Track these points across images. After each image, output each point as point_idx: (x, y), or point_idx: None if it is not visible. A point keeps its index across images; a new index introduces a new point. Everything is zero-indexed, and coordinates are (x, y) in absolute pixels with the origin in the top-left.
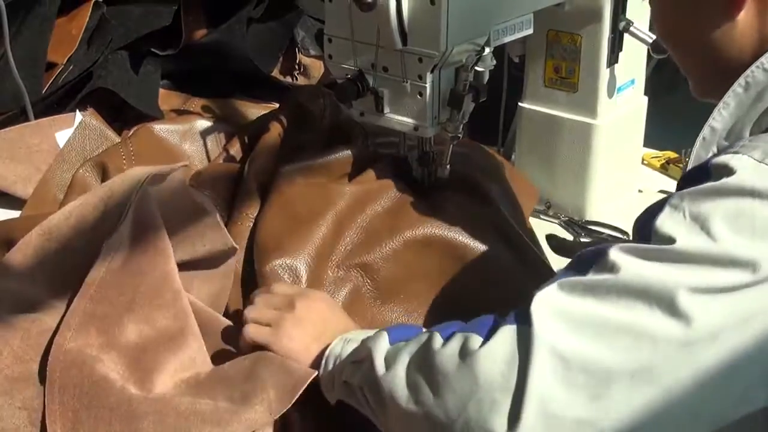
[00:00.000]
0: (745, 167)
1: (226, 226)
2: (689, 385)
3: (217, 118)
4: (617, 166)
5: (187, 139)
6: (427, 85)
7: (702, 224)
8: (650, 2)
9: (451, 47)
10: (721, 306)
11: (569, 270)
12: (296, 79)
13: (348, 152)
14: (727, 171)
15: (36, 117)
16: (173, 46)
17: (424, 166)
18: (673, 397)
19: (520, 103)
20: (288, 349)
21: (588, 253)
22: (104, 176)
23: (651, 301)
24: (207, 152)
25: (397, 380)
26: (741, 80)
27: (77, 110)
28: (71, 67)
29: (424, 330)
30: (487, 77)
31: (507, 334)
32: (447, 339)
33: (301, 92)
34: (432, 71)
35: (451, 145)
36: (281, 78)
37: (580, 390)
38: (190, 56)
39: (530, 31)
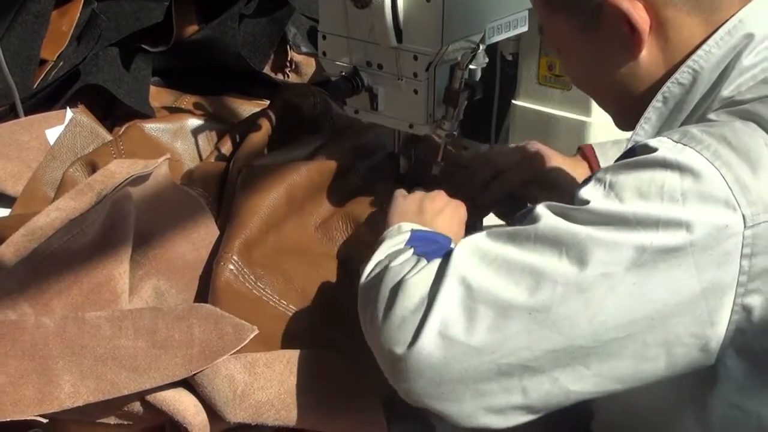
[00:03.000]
0: (665, 146)
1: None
2: (584, 333)
3: (208, 115)
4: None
5: (178, 137)
6: (423, 83)
7: (617, 191)
8: (558, 55)
9: (446, 45)
10: (621, 258)
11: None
12: (288, 76)
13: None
14: (649, 149)
15: (26, 114)
16: (164, 42)
17: (413, 163)
18: (567, 340)
19: (513, 101)
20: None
21: (526, 210)
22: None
23: (561, 249)
24: (198, 150)
25: (362, 287)
26: (659, 96)
27: (68, 107)
28: (61, 64)
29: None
30: (479, 75)
31: (434, 264)
32: (410, 258)
33: (291, 91)
34: (427, 69)
35: (445, 143)
36: (272, 75)
37: (480, 320)
38: (182, 53)
39: (525, 29)
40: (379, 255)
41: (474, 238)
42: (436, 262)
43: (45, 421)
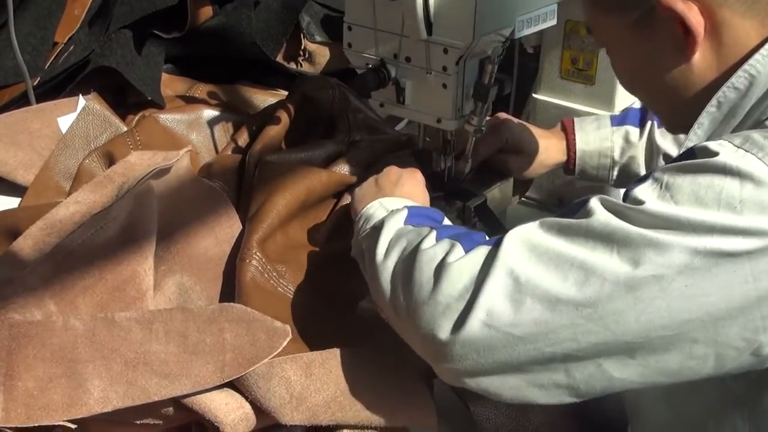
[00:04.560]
0: (725, 150)
1: None
2: (631, 330)
3: (223, 105)
4: None
5: (193, 129)
6: (452, 77)
7: (672, 193)
8: (609, 54)
9: (477, 38)
10: (673, 261)
11: (558, 213)
12: (301, 65)
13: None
14: (710, 153)
15: (38, 100)
16: (178, 29)
17: (446, 160)
18: (613, 336)
19: (534, 94)
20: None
21: (578, 202)
22: (111, 167)
23: (612, 246)
24: (215, 142)
25: (387, 267)
26: (713, 101)
27: (80, 94)
28: (72, 47)
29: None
30: (496, 68)
31: (480, 252)
32: (439, 239)
33: (308, 83)
34: (457, 63)
35: (474, 139)
36: (285, 64)
37: (526, 312)
38: (195, 40)
39: (554, 22)
40: (387, 235)
41: (525, 229)
42: (482, 249)
43: (74, 426)
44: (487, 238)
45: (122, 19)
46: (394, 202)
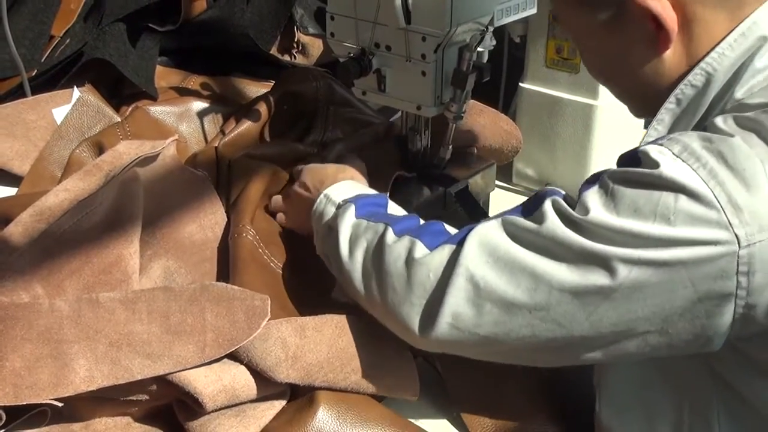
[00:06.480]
0: (665, 161)
1: None
2: (584, 327)
3: (215, 96)
4: (618, 147)
5: (183, 120)
6: (431, 65)
7: (615, 203)
8: (576, 45)
9: (455, 26)
10: (614, 272)
11: (520, 207)
12: (294, 57)
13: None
14: (651, 163)
15: (33, 92)
16: (172, 22)
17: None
18: (568, 332)
19: (520, 83)
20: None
21: (540, 196)
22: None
23: (557, 255)
24: (204, 133)
25: (356, 268)
26: (672, 98)
27: (74, 86)
28: (68, 41)
29: (387, 211)
30: (486, 57)
31: (445, 251)
32: (399, 236)
33: (292, 78)
34: (435, 50)
35: (453, 125)
36: (279, 57)
37: (486, 314)
38: (189, 32)
39: (534, 11)
40: (345, 234)
41: (487, 229)
42: (447, 248)
43: (60, 404)
44: (445, 226)
45: (116, 12)
46: (338, 191)
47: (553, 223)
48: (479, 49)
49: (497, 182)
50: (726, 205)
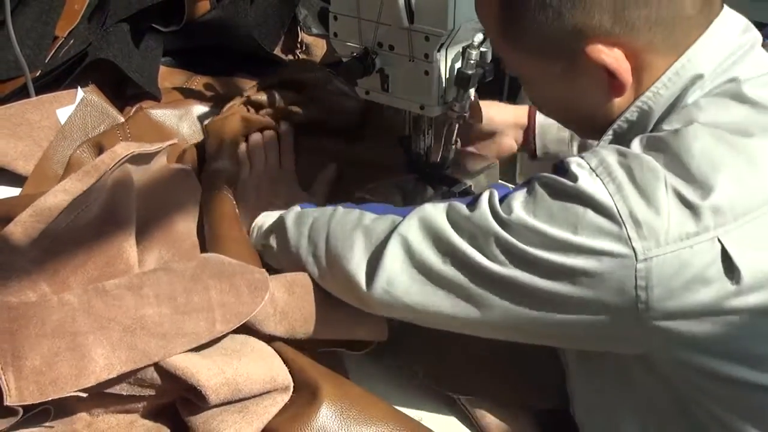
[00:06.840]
0: (582, 174)
1: None
2: (496, 316)
3: (217, 97)
4: None
5: (184, 121)
6: (434, 64)
7: (534, 205)
8: (521, 81)
9: (458, 26)
10: (526, 266)
11: (470, 197)
12: (298, 57)
13: None
14: (572, 176)
15: (37, 93)
16: (176, 22)
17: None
18: (483, 317)
19: None
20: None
21: (491, 188)
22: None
23: (477, 242)
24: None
25: (302, 243)
26: (609, 131)
27: (78, 87)
28: (72, 41)
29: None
30: (490, 57)
31: (389, 220)
32: (347, 209)
33: (292, 66)
34: (439, 50)
35: (457, 125)
36: (283, 57)
37: (415, 282)
38: (193, 33)
39: None
40: (291, 217)
41: (434, 209)
42: (391, 217)
43: (85, 395)
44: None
45: (120, 12)
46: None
47: (483, 213)
48: (482, 48)
49: (500, 182)
50: (627, 219)
